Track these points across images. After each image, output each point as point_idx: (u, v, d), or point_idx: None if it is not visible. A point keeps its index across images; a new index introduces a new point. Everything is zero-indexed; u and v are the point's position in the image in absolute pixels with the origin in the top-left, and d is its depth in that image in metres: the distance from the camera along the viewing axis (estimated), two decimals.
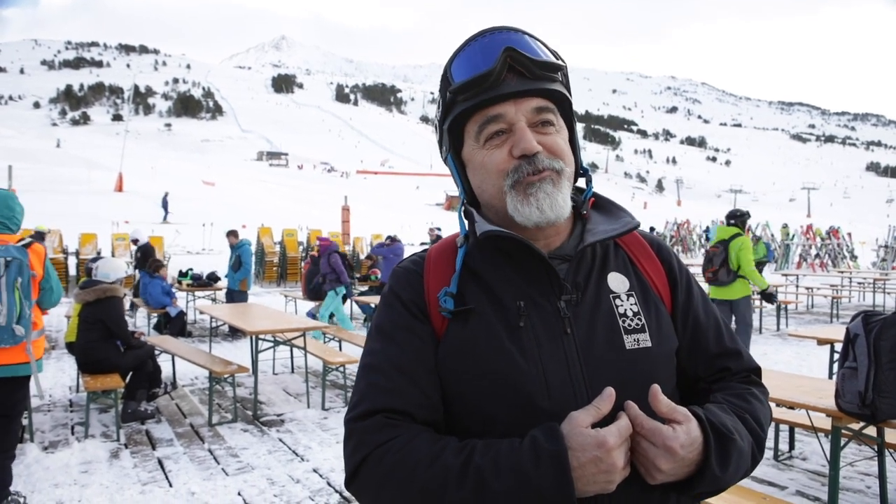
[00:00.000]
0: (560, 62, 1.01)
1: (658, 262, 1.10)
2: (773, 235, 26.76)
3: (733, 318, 6.66)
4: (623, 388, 0.94)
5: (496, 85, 0.96)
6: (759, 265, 15.31)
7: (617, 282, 1.04)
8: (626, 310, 1.01)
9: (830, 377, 5.23)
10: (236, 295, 9.91)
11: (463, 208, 1.10)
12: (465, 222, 1.08)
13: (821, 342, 5.09)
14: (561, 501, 0.80)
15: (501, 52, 0.95)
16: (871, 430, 3.16)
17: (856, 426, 3.04)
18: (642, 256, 1.10)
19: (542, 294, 0.99)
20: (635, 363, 0.97)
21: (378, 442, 0.91)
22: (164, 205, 34.51)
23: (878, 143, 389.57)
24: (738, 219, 6.78)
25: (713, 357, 1.08)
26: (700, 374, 1.08)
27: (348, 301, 11.16)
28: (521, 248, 0.99)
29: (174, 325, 9.33)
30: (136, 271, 11.29)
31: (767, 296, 6.65)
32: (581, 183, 1.12)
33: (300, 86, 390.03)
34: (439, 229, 9.93)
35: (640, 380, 0.96)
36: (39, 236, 13.44)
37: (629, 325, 0.99)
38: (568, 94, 1.02)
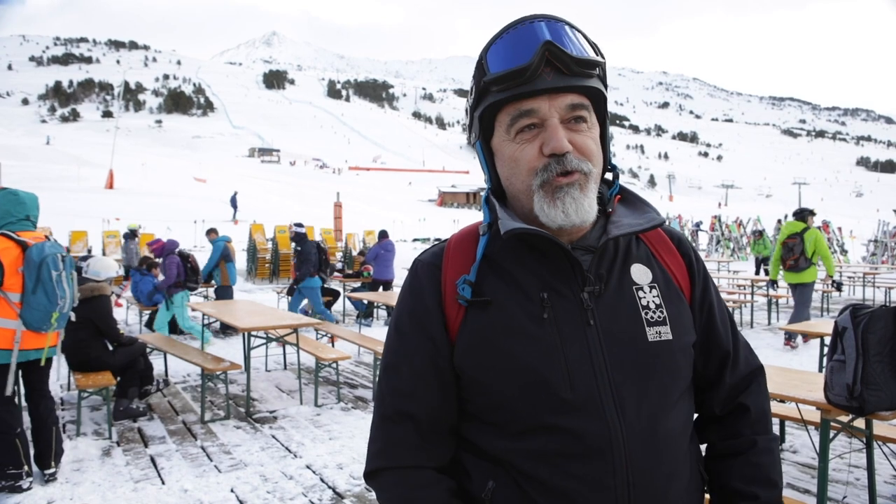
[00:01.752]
0: (599, 58, 0.98)
1: (678, 255, 1.11)
2: (763, 230, 26.90)
3: (797, 297, 7.99)
4: (644, 380, 0.96)
5: (532, 79, 0.94)
6: (765, 261, 15.38)
7: (640, 273, 1.04)
8: (648, 302, 1.01)
9: (820, 371, 5.27)
10: (219, 290, 9.94)
11: (486, 197, 1.09)
12: (489, 211, 1.07)
13: (810, 336, 5.13)
14: None
15: (540, 46, 0.93)
16: (860, 423, 3.19)
17: (845, 419, 3.06)
18: (663, 250, 1.10)
19: (565, 285, 0.99)
20: (657, 355, 0.98)
21: (398, 461, 1.02)
22: (234, 203, 35.13)
23: (868, 138, 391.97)
24: (798, 215, 8.08)
25: (723, 353, 1.10)
26: (708, 372, 1.09)
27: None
28: (544, 239, 0.98)
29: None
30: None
31: (838, 284, 8.07)
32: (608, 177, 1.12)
33: (291, 82, 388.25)
34: (300, 225, 9.47)
35: (661, 372, 0.98)
36: (132, 234, 13.73)
37: (651, 318, 1.00)
38: (604, 91, 1.01)
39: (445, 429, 1.04)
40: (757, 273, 15.92)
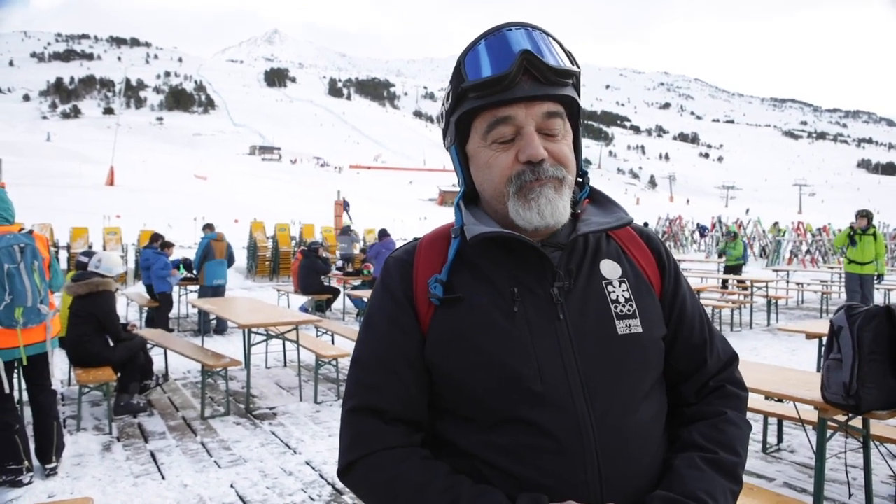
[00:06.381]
0: (574, 68, 1.00)
1: (648, 251, 1.12)
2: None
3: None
4: (614, 373, 0.96)
5: (510, 87, 0.95)
6: (737, 268, 14.40)
7: (609, 268, 1.05)
8: (617, 296, 1.02)
9: (818, 371, 5.28)
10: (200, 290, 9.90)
11: (457, 201, 1.10)
12: (460, 215, 1.08)
13: (809, 336, 5.13)
14: None
15: (518, 55, 0.94)
16: (857, 423, 3.20)
17: (842, 418, 3.08)
18: (633, 247, 1.11)
19: (535, 281, 1.00)
20: (627, 348, 0.98)
21: (370, 448, 0.99)
22: (346, 207, 35.47)
23: (869, 140, 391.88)
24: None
25: (695, 347, 1.09)
26: (681, 367, 1.09)
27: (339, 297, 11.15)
28: (514, 239, 1.00)
29: (162, 310, 9.30)
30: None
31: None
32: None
33: (293, 80, 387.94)
34: None
35: (632, 364, 0.98)
36: (347, 229, 14.34)
37: (621, 311, 1.01)
38: (578, 99, 1.02)
39: (414, 421, 1.03)
40: (724, 285, 13.04)
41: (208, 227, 10.35)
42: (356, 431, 1.01)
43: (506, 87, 0.95)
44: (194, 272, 10.10)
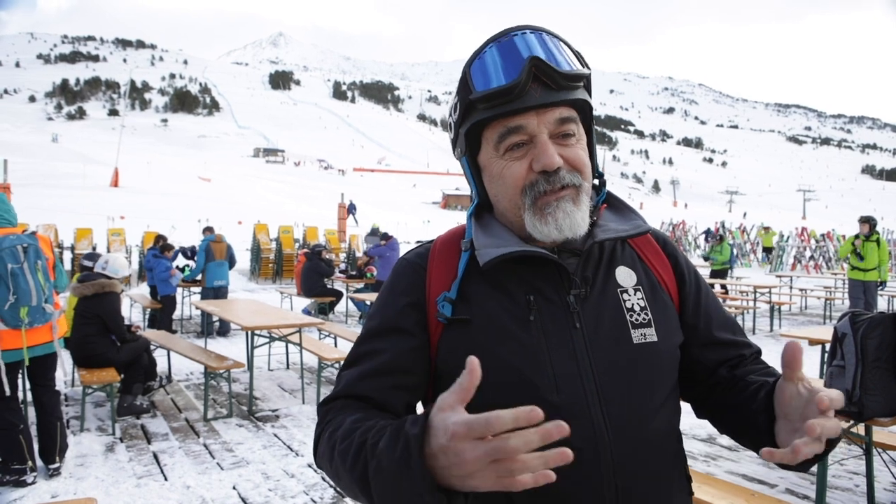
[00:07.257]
0: (585, 70, 0.97)
1: (664, 256, 1.11)
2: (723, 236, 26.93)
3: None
4: (630, 383, 0.96)
5: (520, 97, 0.92)
6: (722, 273, 14.14)
7: (624, 276, 1.04)
8: (633, 304, 1.01)
9: (821, 377, 5.27)
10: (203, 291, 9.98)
11: (470, 214, 1.07)
12: (473, 227, 1.05)
13: (812, 343, 5.12)
14: (412, 490, 0.72)
15: (527, 62, 0.92)
16: (860, 430, 3.20)
17: (844, 425, 3.08)
18: (649, 252, 1.10)
19: (551, 288, 0.99)
20: (642, 357, 0.97)
21: (327, 421, 0.96)
22: (352, 209, 35.95)
23: (874, 146, 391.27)
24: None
25: (729, 344, 1.10)
26: (720, 360, 1.08)
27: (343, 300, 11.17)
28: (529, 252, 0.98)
29: (166, 311, 9.32)
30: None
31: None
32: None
33: (297, 82, 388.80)
34: None
35: (647, 374, 0.97)
36: (376, 231, 13.99)
37: (636, 320, 0.99)
38: (590, 100, 1.00)
39: (385, 408, 0.99)
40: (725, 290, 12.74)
41: (208, 230, 10.44)
42: (326, 410, 1.00)
43: (516, 97, 0.93)
44: (192, 268, 10.22)
